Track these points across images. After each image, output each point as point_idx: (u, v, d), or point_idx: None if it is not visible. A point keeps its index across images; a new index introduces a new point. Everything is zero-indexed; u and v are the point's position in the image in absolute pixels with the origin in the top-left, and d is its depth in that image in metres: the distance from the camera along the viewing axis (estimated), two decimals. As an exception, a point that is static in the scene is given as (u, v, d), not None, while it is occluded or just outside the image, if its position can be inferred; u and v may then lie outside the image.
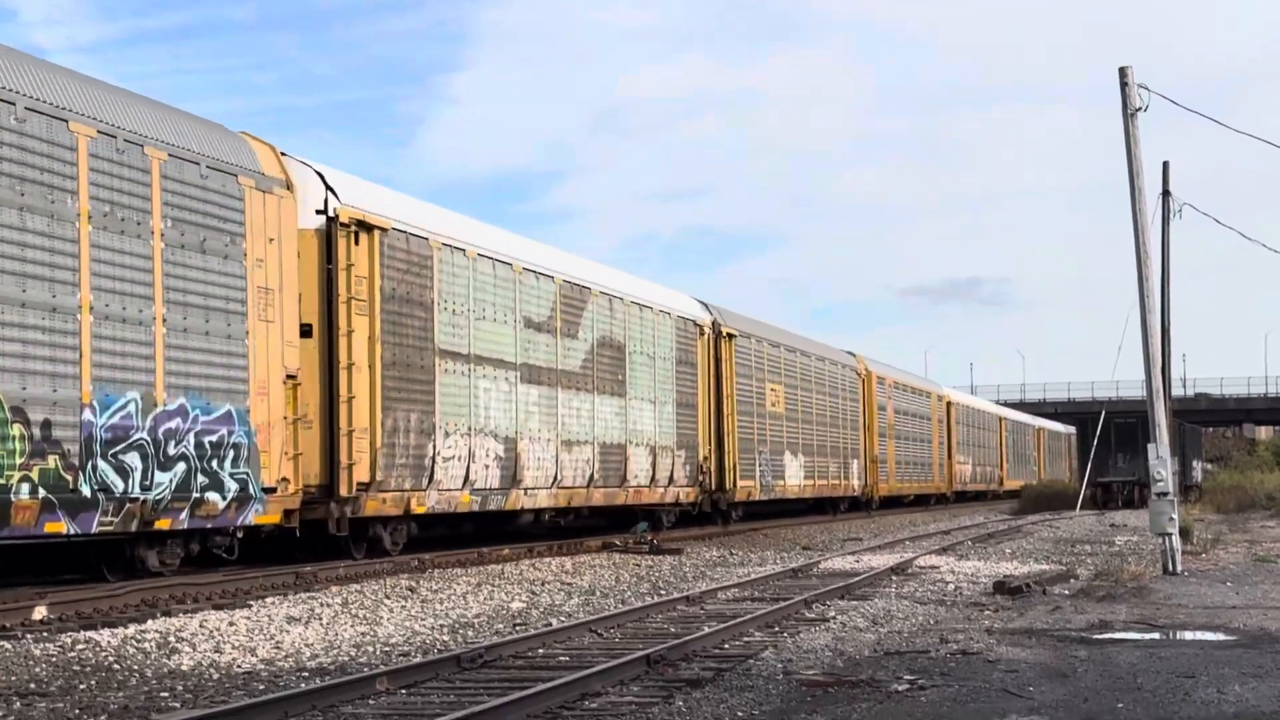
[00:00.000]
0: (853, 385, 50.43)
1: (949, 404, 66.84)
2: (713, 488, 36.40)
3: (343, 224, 21.31)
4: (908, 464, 57.96)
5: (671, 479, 33.50)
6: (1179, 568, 22.41)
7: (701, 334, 36.30)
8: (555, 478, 27.86)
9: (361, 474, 21.30)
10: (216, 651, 13.33)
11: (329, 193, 21.26)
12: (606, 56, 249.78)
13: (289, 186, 20.39)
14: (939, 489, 64.31)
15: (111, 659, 12.74)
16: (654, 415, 32.85)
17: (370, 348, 21.68)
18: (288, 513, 20.04)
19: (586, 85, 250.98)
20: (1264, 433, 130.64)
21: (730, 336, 37.84)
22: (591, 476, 29.34)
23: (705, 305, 37.58)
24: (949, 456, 65.95)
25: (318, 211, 21.06)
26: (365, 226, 21.73)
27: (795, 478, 43.16)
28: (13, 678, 11.65)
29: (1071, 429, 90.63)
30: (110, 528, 16.86)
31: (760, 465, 39.46)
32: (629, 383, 31.65)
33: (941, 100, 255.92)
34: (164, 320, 17.82)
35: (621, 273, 33.47)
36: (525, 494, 26.71)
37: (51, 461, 15.95)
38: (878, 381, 53.58)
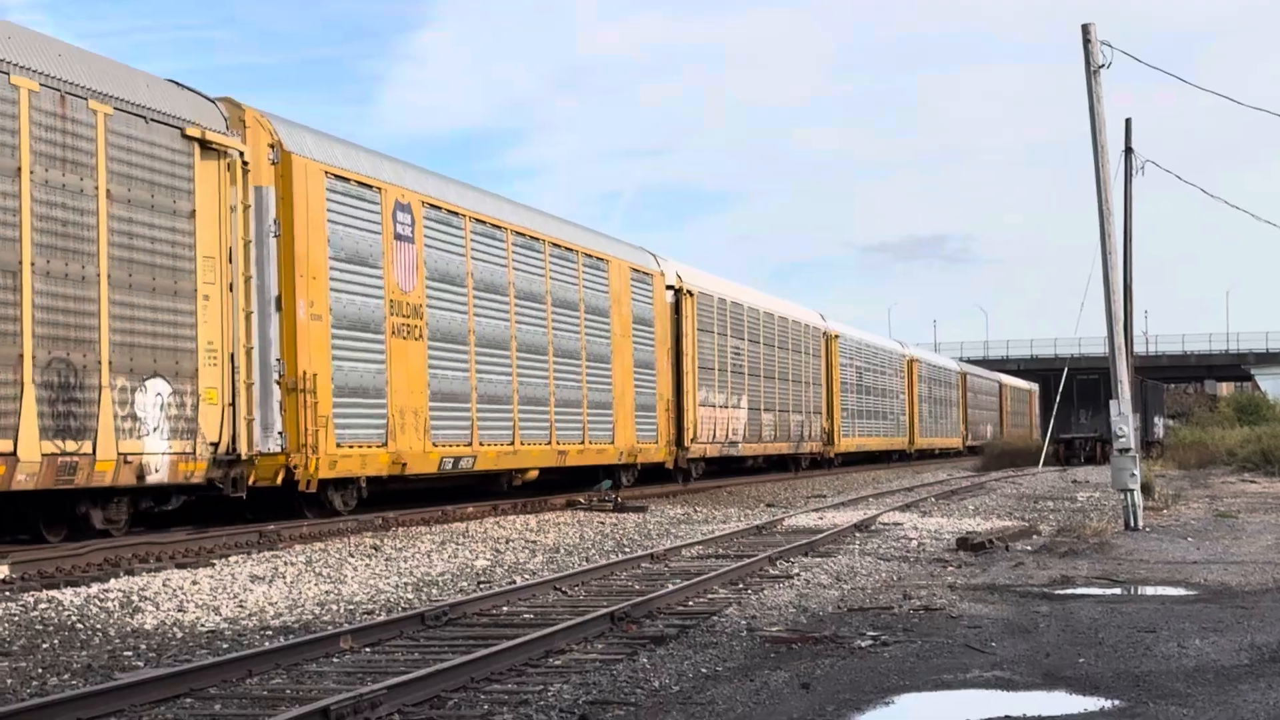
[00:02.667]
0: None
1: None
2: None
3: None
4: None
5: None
6: (1141, 523, 22.55)
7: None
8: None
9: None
10: (180, 610, 13.30)
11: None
12: (568, 14, 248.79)
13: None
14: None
15: (74, 618, 12.70)
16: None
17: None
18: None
19: (548, 43, 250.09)
20: (1225, 389, 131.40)
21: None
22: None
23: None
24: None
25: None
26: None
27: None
28: (-26, 638, 11.60)
29: (1034, 385, 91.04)
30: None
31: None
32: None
33: (904, 57, 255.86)
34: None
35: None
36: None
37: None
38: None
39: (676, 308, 36.71)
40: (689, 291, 37.48)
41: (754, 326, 43.22)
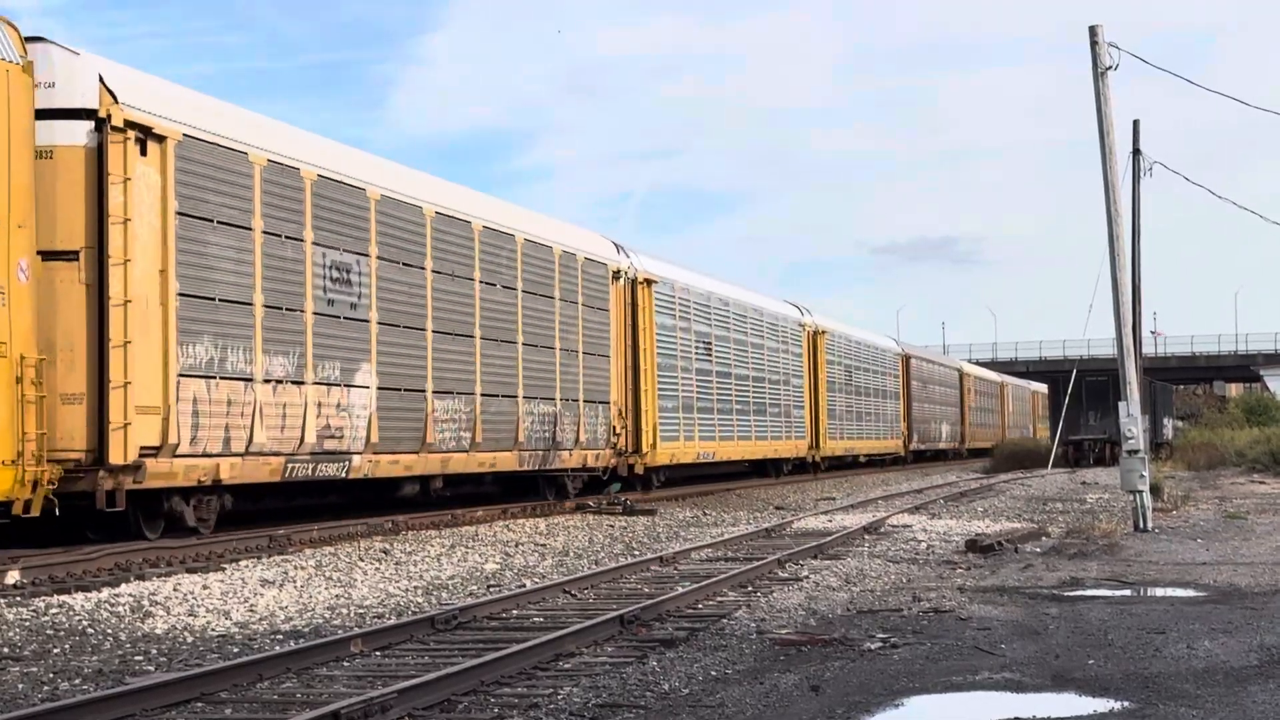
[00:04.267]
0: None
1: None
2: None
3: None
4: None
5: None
6: (1150, 525, 22.54)
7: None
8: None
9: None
10: (191, 615, 13.32)
11: None
12: (580, 17, 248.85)
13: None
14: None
15: (85, 623, 12.72)
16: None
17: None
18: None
19: (560, 45, 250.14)
20: (1234, 390, 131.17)
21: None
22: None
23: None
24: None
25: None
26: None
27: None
28: (-14, 643, 11.63)
29: (1043, 387, 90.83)
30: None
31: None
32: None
33: (914, 60, 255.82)
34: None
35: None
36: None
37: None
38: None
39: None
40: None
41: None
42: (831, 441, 50.65)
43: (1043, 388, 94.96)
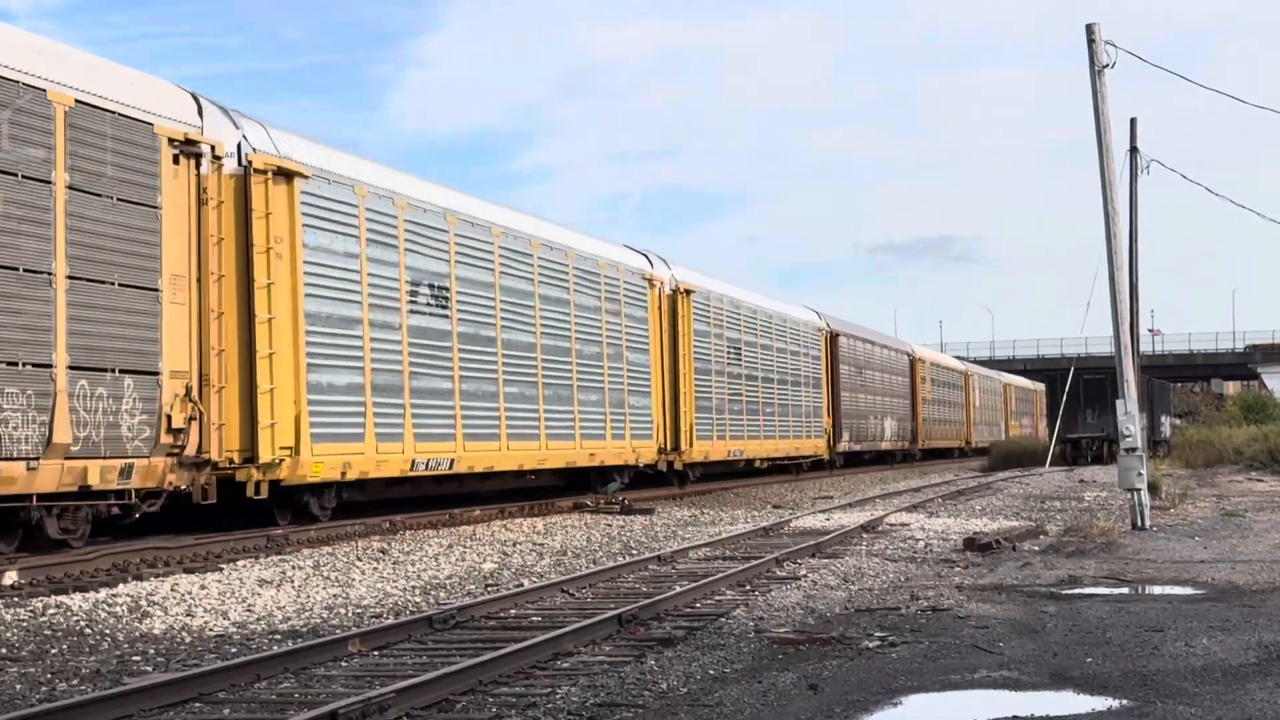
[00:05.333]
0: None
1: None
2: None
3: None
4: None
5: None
6: (1148, 523, 22.54)
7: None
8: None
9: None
10: (188, 615, 13.32)
11: None
12: (576, 17, 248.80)
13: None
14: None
15: (83, 623, 12.72)
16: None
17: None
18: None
19: (556, 47, 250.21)
20: (1231, 388, 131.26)
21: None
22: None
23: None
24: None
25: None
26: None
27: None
28: (-17, 643, 11.62)
29: (1040, 385, 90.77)
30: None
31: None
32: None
33: (911, 59, 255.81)
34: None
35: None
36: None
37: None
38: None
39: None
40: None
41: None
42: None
43: (1018, 380, 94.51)
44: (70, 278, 16.68)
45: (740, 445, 40.56)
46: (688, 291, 36.55)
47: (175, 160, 18.57)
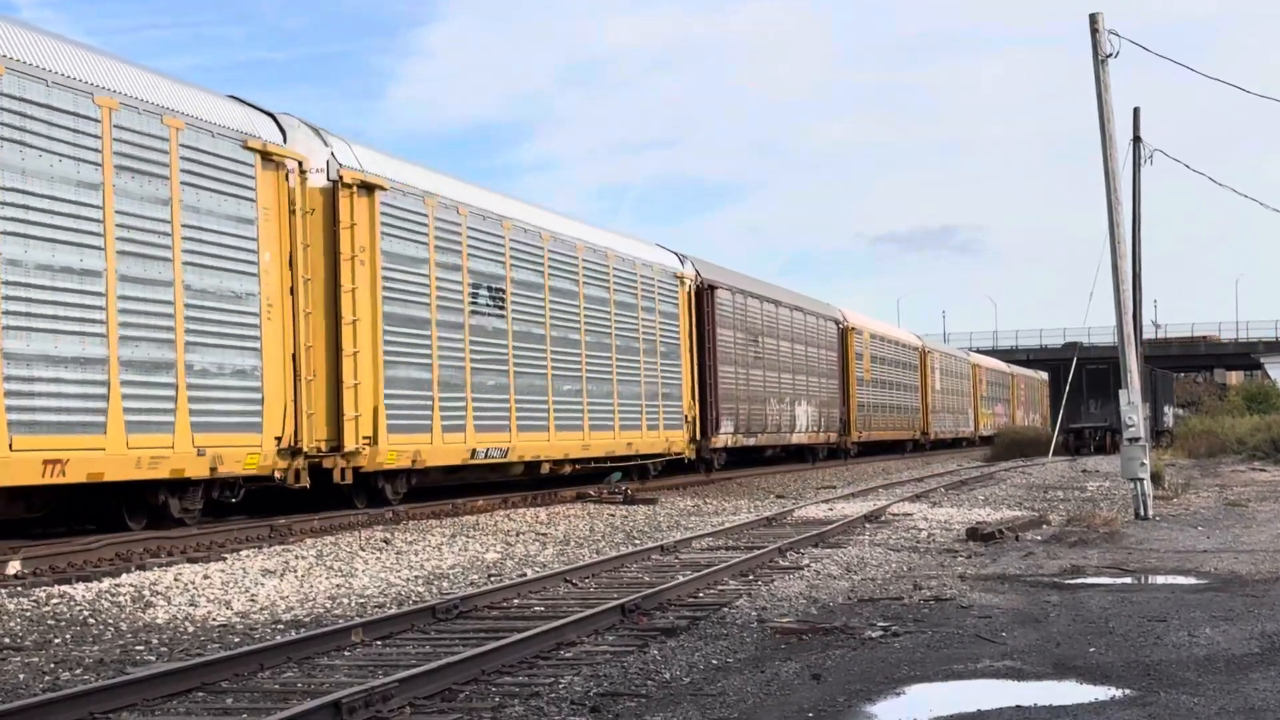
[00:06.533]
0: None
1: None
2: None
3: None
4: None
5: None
6: (1150, 513, 22.53)
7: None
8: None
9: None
10: (191, 605, 13.33)
11: None
12: (578, 8, 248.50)
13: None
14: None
15: (86, 613, 12.73)
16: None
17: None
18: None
19: (558, 37, 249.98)
20: (1234, 378, 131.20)
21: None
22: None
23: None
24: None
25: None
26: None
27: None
28: (-13, 633, 11.63)
29: (1044, 375, 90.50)
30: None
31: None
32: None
33: (914, 48, 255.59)
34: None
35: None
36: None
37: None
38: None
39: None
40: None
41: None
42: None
43: (989, 361, 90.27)
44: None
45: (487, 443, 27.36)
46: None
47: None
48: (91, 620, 12.39)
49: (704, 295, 37.84)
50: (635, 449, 32.82)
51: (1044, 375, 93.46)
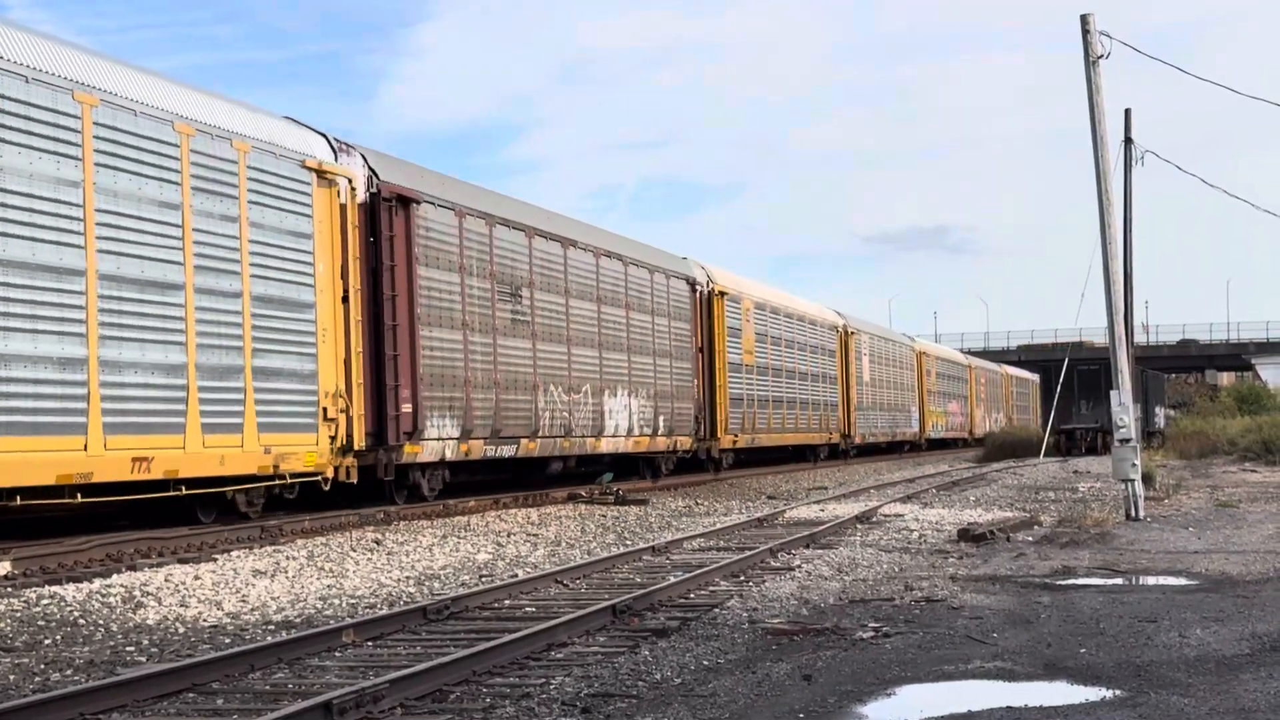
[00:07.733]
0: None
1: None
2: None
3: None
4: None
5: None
6: (1142, 513, 22.55)
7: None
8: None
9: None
10: (182, 605, 13.31)
11: None
12: (570, 7, 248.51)
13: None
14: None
15: (76, 614, 12.71)
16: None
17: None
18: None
19: (549, 37, 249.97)
20: (1226, 379, 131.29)
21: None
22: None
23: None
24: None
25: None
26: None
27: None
28: (-23, 634, 11.61)
29: (1035, 376, 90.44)
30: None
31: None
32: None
33: (905, 47, 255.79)
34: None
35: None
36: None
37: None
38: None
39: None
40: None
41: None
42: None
43: (943, 350, 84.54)
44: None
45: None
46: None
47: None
48: (82, 621, 12.37)
49: (385, 209, 23.55)
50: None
51: (1021, 372, 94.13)
